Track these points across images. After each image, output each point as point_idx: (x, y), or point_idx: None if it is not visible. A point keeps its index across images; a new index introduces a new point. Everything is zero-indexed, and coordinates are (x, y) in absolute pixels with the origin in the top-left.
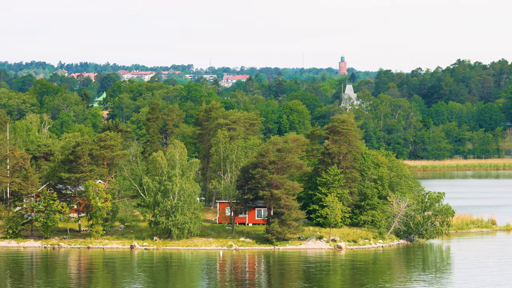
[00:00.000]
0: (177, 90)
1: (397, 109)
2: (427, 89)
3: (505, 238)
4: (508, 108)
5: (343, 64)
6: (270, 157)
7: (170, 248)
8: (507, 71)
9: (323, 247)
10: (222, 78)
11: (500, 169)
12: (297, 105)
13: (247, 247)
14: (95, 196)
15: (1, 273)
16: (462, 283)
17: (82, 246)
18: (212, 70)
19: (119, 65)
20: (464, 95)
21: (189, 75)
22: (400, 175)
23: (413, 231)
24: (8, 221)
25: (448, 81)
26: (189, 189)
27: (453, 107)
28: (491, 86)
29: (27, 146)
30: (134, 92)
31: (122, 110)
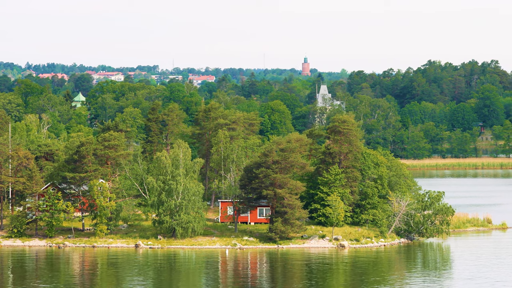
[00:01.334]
0: (159, 91)
1: (376, 109)
2: (399, 90)
3: (502, 236)
4: (480, 108)
5: (307, 65)
6: (274, 156)
7: (174, 247)
8: (478, 72)
9: (326, 246)
10: (187, 78)
11: (479, 168)
12: (278, 105)
13: (251, 246)
14: (100, 195)
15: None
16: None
17: (87, 245)
18: (178, 71)
19: (86, 66)
20: (436, 95)
21: (155, 76)
22: (399, 175)
23: (413, 230)
24: (13, 220)
25: (420, 81)
26: (193, 189)
27: (426, 107)
28: (463, 86)
29: (27, 146)
30: (116, 93)
31: (105, 110)
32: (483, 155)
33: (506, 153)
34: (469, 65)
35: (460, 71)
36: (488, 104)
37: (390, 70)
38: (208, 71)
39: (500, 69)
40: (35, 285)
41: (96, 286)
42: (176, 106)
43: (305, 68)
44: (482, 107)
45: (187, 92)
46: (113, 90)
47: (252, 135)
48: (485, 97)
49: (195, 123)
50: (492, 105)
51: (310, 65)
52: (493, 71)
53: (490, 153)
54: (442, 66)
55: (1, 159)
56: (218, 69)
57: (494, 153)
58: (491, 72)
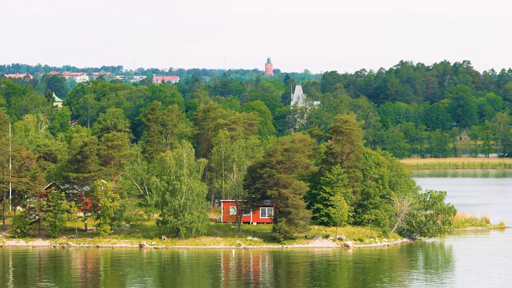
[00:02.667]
0: (141, 91)
1: (356, 109)
2: (373, 90)
3: (501, 236)
4: (454, 108)
5: (270, 65)
6: (278, 156)
7: (179, 247)
8: (450, 72)
9: (330, 245)
10: (152, 79)
11: (459, 168)
12: (259, 105)
13: (255, 246)
14: (104, 195)
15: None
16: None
17: (91, 245)
18: (142, 71)
19: (50, 67)
20: (410, 95)
21: (120, 76)
22: (400, 174)
23: (415, 229)
24: (16, 220)
25: (393, 82)
26: (197, 189)
27: (400, 107)
28: (435, 86)
29: (26, 146)
30: (97, 93)
31: (87, 110)
32: (462, 154)
33: (485, 153)
34: (441, 65)
35: (433, 71)
36: (462, 104)
37: (362, 71)
38: (172, 71)
39: (472, 69)
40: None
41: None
42: (175, 106)
43: (268, 69)
44: (456, 107)
45: (169, 92)
46: (94, 91)
47: (252, 135)
48: (459, 97)
49: (194, 123)
50: (466, 105)
51: (273, 66)
52: (465, 72)
53: (470, 153)
54: (414, 66)
55: (3, 159)
56: (182, 70)
57: (473, 153)
58: (463, 73)
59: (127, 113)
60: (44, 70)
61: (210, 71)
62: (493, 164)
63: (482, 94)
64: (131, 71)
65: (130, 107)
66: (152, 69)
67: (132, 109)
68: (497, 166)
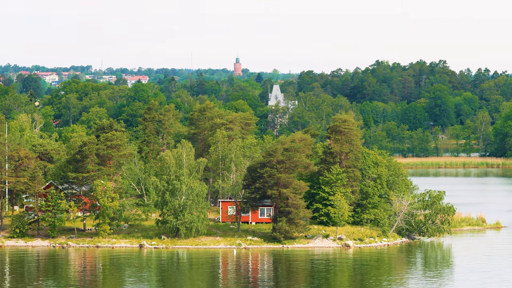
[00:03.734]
0: (123, 91)
1: (338, 109)
2: (350, 89)
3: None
4: (431, 108)
5: (238, 65)
6: (278, 156)
7: (179, 247)
8: (427, 72)
9: (330, 245)
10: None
11: (442, 167)
12: (242, 104)
13: (256, 246)
14: (103, 195)
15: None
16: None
17: (91, 245)
18: (111, 71)
19: (20, 66)
20: (387, 95)
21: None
22: (397, 174)
23: (414, 229)
24: (14, 220)
25: (371, 81)
26: (197, 188)
27: (378, 107)
28: (412, 86)
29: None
30: (79, 92)
31: (69, 110)
32: (444, 154)
33: (467, 152)
34: (418, 65)
35: (409, 71)
36: (439, 103)
37: (338, 70)
38: (141, 71)
39: (448, 69)
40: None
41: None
42: (172, 106)
43: (237, 68)
44: (433, 106)
45: (151, 92)
46: (76, 90)
47: (248, 134)
48: (436, 97)
49: (189, 123)
50: (443, 105)
51: (241, 65)
52: (442, 71)
53: (451, 152)
54: (390, 66)
55: (2, 158)
56: (151, 69)
57: (455, 152)
58: (440, 72)
59: (110, 112)
60: (13, 70)
61: (179, 70)
62: (475, 164)
63: (459, 94)
64: (100, 70)
65: (112, 107)
66: (121, 69)
67: (115, 109)
68: (480, 165)
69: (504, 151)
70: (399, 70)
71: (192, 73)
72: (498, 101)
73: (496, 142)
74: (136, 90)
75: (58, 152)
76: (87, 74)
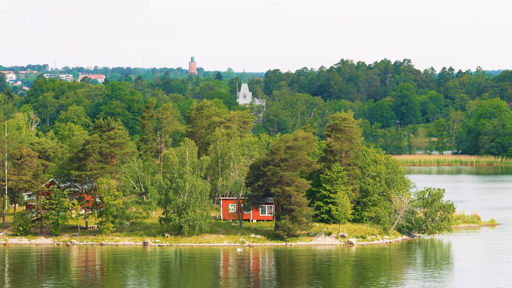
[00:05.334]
0: (99, 89)
1: (313, 107)
2: (316, 88)
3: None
4: (398, 106)
5: (193, 64)
6: (281, 154)
7: (183, 245)
8: (392, 71)
9: (333, 243)
10: (78, 77)
11: (416, 165)
12: (218, 103)
13: (259, 244)
14: (107, 193)
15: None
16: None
17: (95, 243)
18: (67, 70)
19: None
20: (353, 93)
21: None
22: (396, 172)
23: (414, 226)
24: (17, 218)
25: (337, 80)
26: (200, 186)
27: (345, 105)
28: (378, 85)
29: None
30: (56, 91)
31: (47, 108)
32: (417, 152)
33: (440, 150)
34: (383, 64)
35: (375, 70)
36: (405, 102)
37: (304, 69)
38: (97, 70)
39: (413, 67)
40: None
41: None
42: (170, 104)
43: (192, 67)
44: (400, 105)
45: (128, 91)
46: (52, 89)
47: (246, 133)
48: (403, 95)
49: (186, 121)
50: (410, 103)
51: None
52: (407, 70)
53: (424, 150)
54: (355, 65)
55: (4, 156)
56: (107, 68)
57: (428, 150)
58: (405, 71)
59: (87, 110)
60: None
61: (134, 69)
62: (449, 161)
63: (424, 92)
64: (56, 69)
65: (89, 105)
66: (77, 68)
67: (92, 107)
68: (453, 163)
69: (477, 149)
70: (364, 69)
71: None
72: (464, 100)
73: (468, 140)
74: (113, 88)
75: (56, 150)
76: (44, 73)
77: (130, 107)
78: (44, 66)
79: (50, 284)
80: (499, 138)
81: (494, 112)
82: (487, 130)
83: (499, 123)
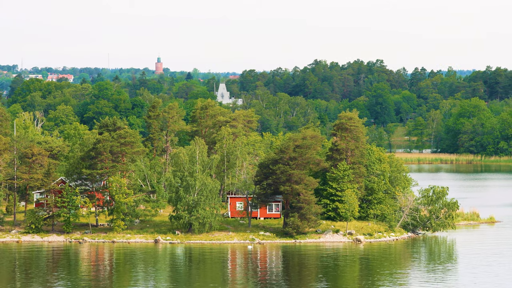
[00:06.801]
0: (85, 89)
1: (295, 107)
2: (291, 88)
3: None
4: (372, 105)
5: (160, 64)
6: (290, 153)
7: (194, 242)
8: (365, 71)
9: (341, 240)
10: (47, 77)
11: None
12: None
13: (269, 241)
14: (118, 191)
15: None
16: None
17: (107, 240)
18: (36, 70)
19: None
20: (328, 93)
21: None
22: (399, 170)
23: (419, 224)
24: (29, 216)
25: (312, 80)
26: (210, 184)
27: (321, 105)
28: (351, 85)
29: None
30: (43, 91)
31: (35, 108)
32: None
33: (419, 148)
34: (356, 64)
35: (349, 70)
36: (380, 101)
37: (278, 69)
38: (66, 70)
39: (385, 68)
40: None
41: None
42: (175, 103)
43: (158, 68)
44: (374, 104)
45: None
46: (40, 88)
47: (251, 132)
48: (378, 95)
49: (191, 120)
50: (384, 103)
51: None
52: (380, 70)
53: (404, 149)
54: (329, 65)
55: (14, 155)
56: (75, 69)
57: (407, 148)
58: (378, 71)
59: (75, 110)
60: None
61: (102, 69)
62: (429, 160)
63: (398, 92)
64: (26, 69)
65: (76, 105)
66: (46, 68)
67: (79, 107)
68: (434, 161)
69: (456, 148)
70: (338, 69)
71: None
72: (437, 99)
73: (447, 139)
74: (100, 88)
75: (63, 149)
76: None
77: (117, 106)
78: (14, 67)
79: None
80: (478, 137)
81: (473, 111)
82: (466, 129)
83: (478, 122)
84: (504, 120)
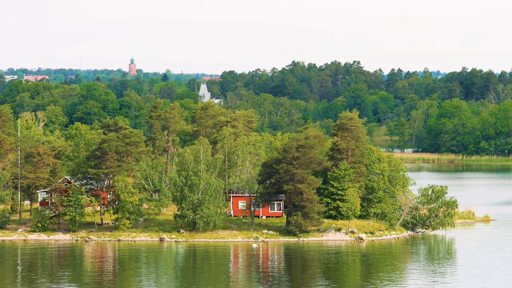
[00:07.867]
0: (73, 90)
1: (279, 107)
2: (271, 88)
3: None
4: (351, 106)
5: (133, 65)
6: (294, 153)
7: (198, 240)
8: (342, 72)
9: (344, 238)
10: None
11: None
12: (189, 103)
13: (272, 239)
14: (124, 190)
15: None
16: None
17: (113, 239)
18: (12, 71)
19: None
20: (307, 94)
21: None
22: (398, 169)
23: (418, 222)
24: (35, 215)
25: (291, 80)
26: (214, 184)
27: (300, 105)
28: (329, 85)
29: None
30: (31, 91)
31: (23, 108)
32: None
33: (401, 148)
34: (333, 65)
35: (326, 71)
36: (358, 102)
37: (257, 71)
38: (41, 71)
39: (362, 69)
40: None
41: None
42: (177, 104)
43: (131, 69)
44: (353, 104)
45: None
46: (28, 89)
47: (251, 132)
48: (356, 96)
49: (192, 121)
50: (363, 103)
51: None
52: (357, 71)
53: (386, 148)
54: (306, 66)
55: (21, 155)
56: (50, 70)
57: (389, 148)
58: (355, 72)
59: (64, 110)
60: None
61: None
62: (412, 159)
63: (375, 93)
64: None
65: (65, 105)
66: (21, 69)
67: (68, 107)
68: (416, 160)
69: (437, 147)
70: (316, 70)
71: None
72: (413, 100)
73: (429, 139)
74: (88, 89)
75: (66, 149)
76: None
77: (105, 107)
78: None
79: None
80: (460, 136)
81: (454, 111)
82: (448, 129)
83: (459, 122)
84: (484, 120)
